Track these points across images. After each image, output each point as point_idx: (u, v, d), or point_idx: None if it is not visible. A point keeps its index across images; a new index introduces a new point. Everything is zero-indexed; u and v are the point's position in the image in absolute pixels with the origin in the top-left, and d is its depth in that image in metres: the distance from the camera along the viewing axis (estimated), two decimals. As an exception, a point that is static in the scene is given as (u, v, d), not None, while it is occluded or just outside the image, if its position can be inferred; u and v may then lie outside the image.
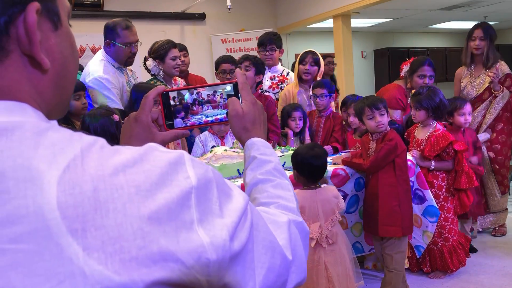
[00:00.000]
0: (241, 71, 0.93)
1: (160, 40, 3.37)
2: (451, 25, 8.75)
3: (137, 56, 3.15)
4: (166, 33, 6.11)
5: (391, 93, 3.50)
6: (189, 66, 4.05)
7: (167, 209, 0.48)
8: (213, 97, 0.91)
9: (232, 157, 2.56)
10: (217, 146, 2.84)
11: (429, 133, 2.95)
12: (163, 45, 3.26)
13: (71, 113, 2.68)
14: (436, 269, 2.99)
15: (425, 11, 7.35)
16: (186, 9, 6.35)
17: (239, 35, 6.49)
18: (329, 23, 6.43)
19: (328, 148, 3.14)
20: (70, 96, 0.62)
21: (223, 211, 0.53)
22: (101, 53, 3.01)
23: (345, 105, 3.37)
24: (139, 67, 4.11)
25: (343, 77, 5.97)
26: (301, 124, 3.27)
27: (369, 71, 9.04)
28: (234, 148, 2.75)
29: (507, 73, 3.62)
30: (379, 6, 5.73)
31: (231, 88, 0.90)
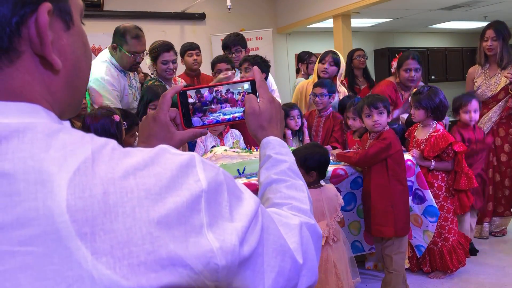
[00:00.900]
0: (258, 69, 0.92)
1: (159, 40, 3.37)
2: (451, 25, 8.75)
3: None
4: (166, 33, 6.11)
5: (381, 88, 3.54)
6: (201, 65, 4.02)
7: (176, 213, 0.47)
8: (231, 95, 0.90)
9: (232, 157, 2.55)
10: (217, 146, 2.84)
11: (429, 134, 2.95)
12: (156, 47, 3.26)
13: None
14: (436, 269, 2.99)
15: (425, 11, 7.34)
16: (186, 9, 6.35)
17: (239, 35, 6.48)
18: (329, 23, 6.42)
19: (328, 148, 3.14)
20: (83, 95, 0.62)
21: (233, 215, 0.53)
22: (106, 54, 3.01)
23: (343, 107, 3.40)
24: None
25: (343, 77, 5.96)
26: (299, 122, 3.30)
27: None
28: (234, 148, 2.74)
29: None
30: (379, 6, 5.72)
31: (249, 86, 0.90)
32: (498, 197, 3.65)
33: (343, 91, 3.83)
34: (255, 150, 2.74)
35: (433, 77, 8.79)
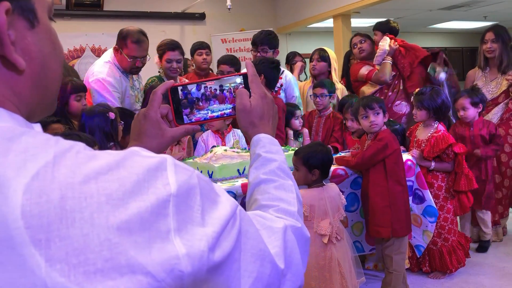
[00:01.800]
0: (251, 62, 0.90)
1: (168, 38, 3.42)
2: (451, 25, 8.75)
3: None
4: (166, 33, 6.11)
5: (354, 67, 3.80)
6: (210, 64, 4.01)
7: (139, 218, 0.46)
8: (220, 92, 0.88)
9: (232, 157, 2.55)
10: (217, 146, 2.84)
11: (429, 134, 2.95)
12: (162, 45, 3.32)
13: (72, 113, 2.66)
14: (435, 269, 2.99)
15: (425, 11, 7.35)
16: (186, 9, 6.35)
17: (239, 35, 6.48)
18: (329, 23, 6.43)
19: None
20: (54, 94, 0.60)
21: (205, 220, 0.51)
22: (109, 55, 3.00)
23: (343, 107, 3.40)
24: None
25: (339, 78, 5.97)
26: (301, 122, 3.31)
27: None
28: (234, 148, 2.74)
29: None
30: (379, 6, 5.72)
31: (241, 80, 0.88)
32: (498, 197, 3.63)
33: (340, 87, 3.84)
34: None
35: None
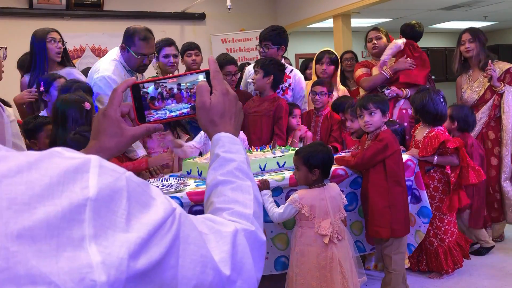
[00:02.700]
0: (213, 58, 0.87)
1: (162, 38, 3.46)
2: (451, 25, 8.75)
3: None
4: (166, 33, 6.08)
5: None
6: (200, 65, 4.02)
7: (46, 224, 0.42)
8: (178, 90, 0.86)
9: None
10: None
11: (425, 134, 2.97)
12: (158, 43, 3.36)
13: None
14: (432, 269, 3.01)
15: (425, 11, 7.34)
16: (186, 9, 6.35)
17: (239, 35, 6.48)
18: (329, 23, 6.42)
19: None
20: None
21: (131, 225, 0.47)
22: (116, 53, 3.01)
23: (339, 108, 3.42)
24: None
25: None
26: (300, 121, 3.31)
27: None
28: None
29: (505, 70, 3.59)
30: (379, 6, 5.72)
31: (204, 77, 0.85)
32: (491, 201, 3.58)
33: (342, 89, 3.84)
34: (255, 150, 2.73)
35: (433, 77, 8.77)
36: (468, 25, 8.95)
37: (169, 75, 0.91)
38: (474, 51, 3.64)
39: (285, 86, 3.51)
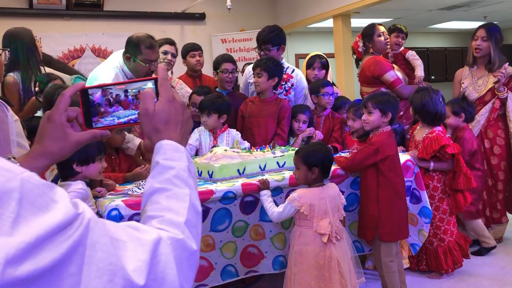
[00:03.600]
0: (163, 66, 0.86)
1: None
2: (451, 25, 8.75)
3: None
4: (166, 33, 6.10)
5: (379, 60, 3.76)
6: (203, 66, 3.99)
7: None
8: (125, 97, 0.85)
9: (232, 157, 2.55)
10: (218, 146, 2.83)
11: (425, 135, 2.96)
12: (160, 40, 3.40)
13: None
14: (431, 268, 3.01)
15: (425, 11, 7.34)
16: (186, 9, 6.35)
17: (239, 35, 6.49)
18: (329, 23, 6.42)
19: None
20: None
21: (17, 228, 0.45)
22: (118, 60, 2.95)
23: (340, 108, 3.43)
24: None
25: (343, 77, 5.98)
26: (304, 127, 3.23)
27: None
28: (234, 148, 2.74)
29: (511, 75, 3.50)
30: (379, 6, 5.72)
31: (153, 85, 0.84)
32: (493, 202, 3.56)
33: (337, 91, 3.87)
34: (255, 150, 2.73)
35: (433, 77, 8.78)
36: (468, 25, 8.94)
37: (118, 81, 0.90)
38: (484, 51, 3.54)
39: (288, 86, 3.49)
